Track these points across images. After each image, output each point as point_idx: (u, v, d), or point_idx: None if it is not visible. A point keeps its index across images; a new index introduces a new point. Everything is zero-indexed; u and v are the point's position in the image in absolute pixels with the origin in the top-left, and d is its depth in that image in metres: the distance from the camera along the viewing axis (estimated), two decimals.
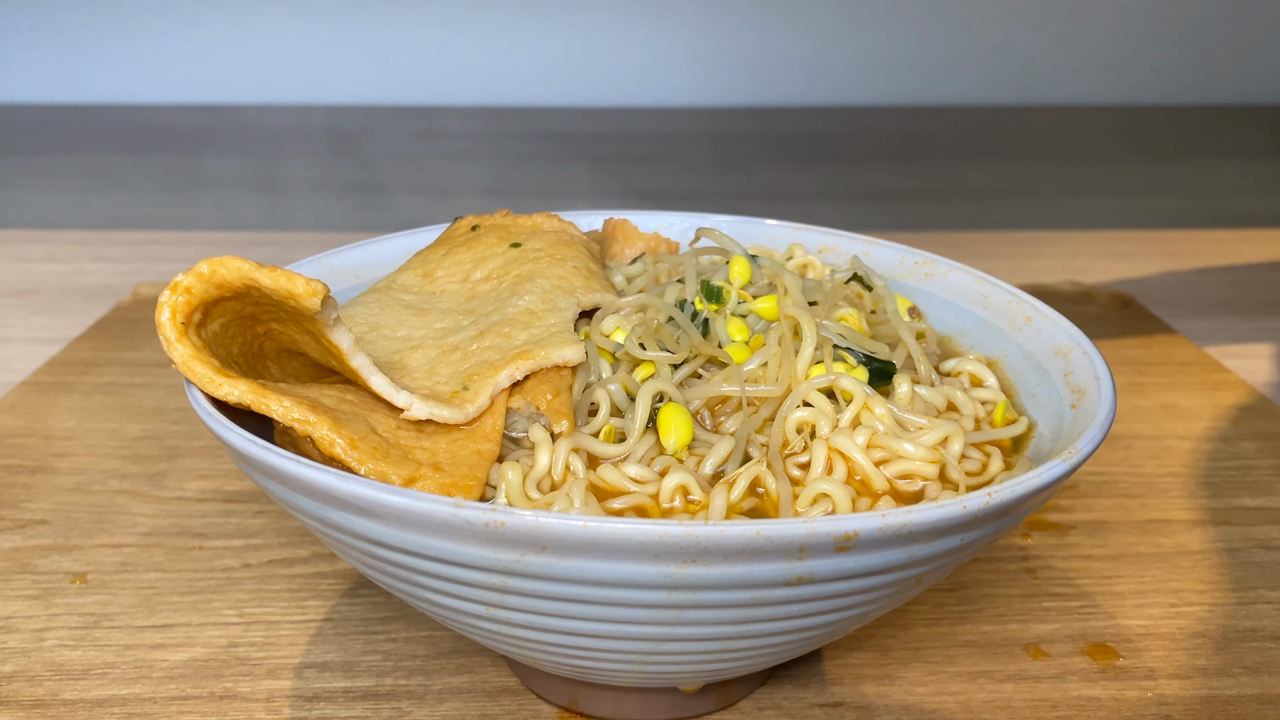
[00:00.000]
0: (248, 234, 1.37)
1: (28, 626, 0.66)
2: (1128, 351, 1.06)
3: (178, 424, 0.89)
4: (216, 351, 0.53)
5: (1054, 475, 0.49)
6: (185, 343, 0.51)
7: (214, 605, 0.68)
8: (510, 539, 0.44)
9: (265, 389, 0.52)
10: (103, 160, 1.74)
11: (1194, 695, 0.63)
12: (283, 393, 0.52)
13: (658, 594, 0.45)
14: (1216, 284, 1.28)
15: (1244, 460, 0.87)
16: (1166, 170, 1.81)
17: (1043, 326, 0.66)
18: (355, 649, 0.65)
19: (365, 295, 0.66)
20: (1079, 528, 0.78)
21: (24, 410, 0.91)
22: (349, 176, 1.68)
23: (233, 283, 0.51)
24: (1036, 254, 1.36)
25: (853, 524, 0.44)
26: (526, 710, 0.60)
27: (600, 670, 0.53)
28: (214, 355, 0.53)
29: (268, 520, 0.77)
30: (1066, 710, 0.61)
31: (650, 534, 0.43)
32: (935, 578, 0.51)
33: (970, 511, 0.46)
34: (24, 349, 1.04)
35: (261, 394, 0.51)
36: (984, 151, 1.90)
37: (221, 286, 0.51)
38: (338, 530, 0.48)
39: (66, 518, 0.77)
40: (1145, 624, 0.69)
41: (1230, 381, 1.00)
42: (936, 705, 0.62)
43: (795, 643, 0.52)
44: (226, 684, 0.62)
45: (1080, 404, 0.59)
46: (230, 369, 0.53)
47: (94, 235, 1.36)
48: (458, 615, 0.50)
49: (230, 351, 0.54)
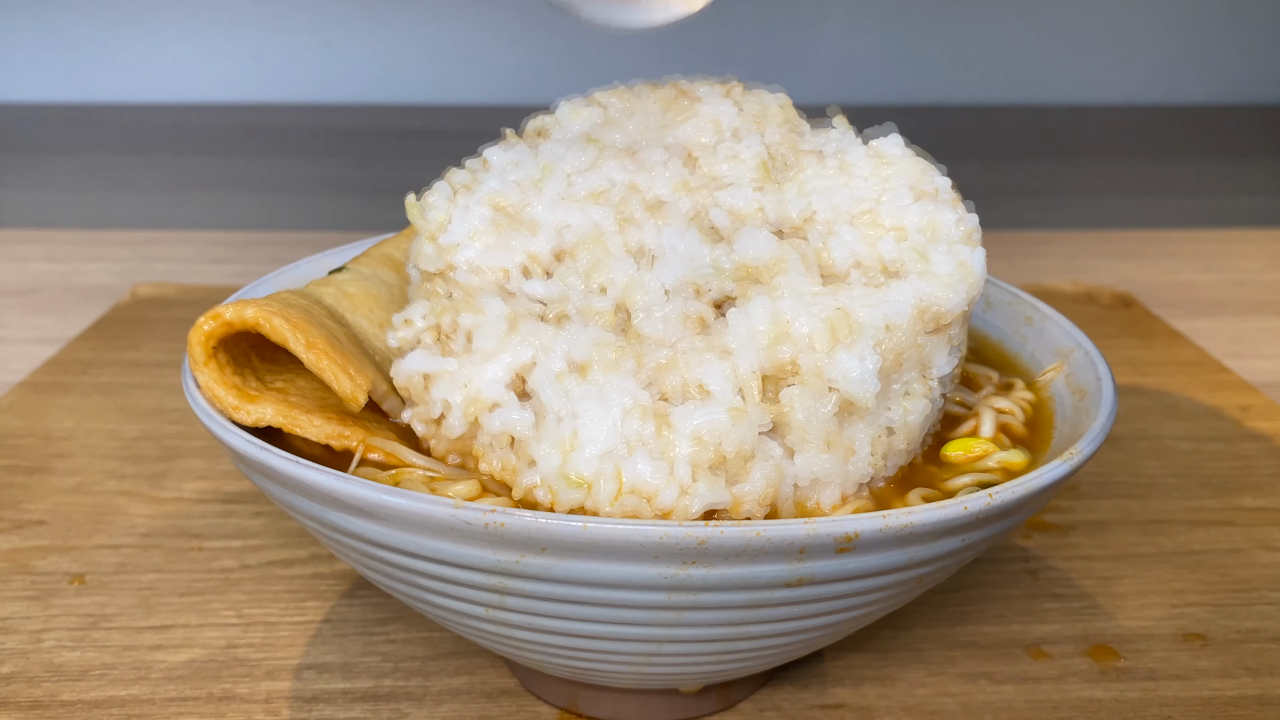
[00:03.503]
0: (247, 234, 1.37)
1: (26, 627, 0.66)
2: (1129, 351, 1.06)
3: (176, 424, 0.89)
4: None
5: (1055, 476, 0.49)
6: (211, 365, 0.52)
7: (212, 606, 0.68)
8: (510, 540, 0.44)
9: (292, 407, 0.52)
10: (102, 160, 1.74)
11: (1195, 696, 0.62)
12: (310, 409, 0.53)
13: (658, 595, 0.45)
14: (1218, 284, 1.28)
15: (1245, 460, 0.87)
16: (1167, 170, 1.81)
17: (1044, 327, 0.66)
18: (354, 650, 0.65)
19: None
20: (1080, 528, 0.78)
21: (22, 410, 0.90)
22: (349, 176, 1.68)
23: (268, 335, 0.52)
24: (1038, 254, 1.36)
25: (853, 525, 0.44)
26: (526, 712, 0.60)
27: (600, 671, 0.53)
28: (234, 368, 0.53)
29: (266, 521, 0.77)
30: (1068, 711, 0.61)
31: (650, 535, 0.43)
32: (936, 579, 0.51)
33: (971, 513, 0.46)
34: (22, 349, 1.04)
35: (291, 415, 0.52)
36: (984, 151, 1.90)
37: (254, 329, 0.52)
38: (336, 531, 0.48)
39: (65, 518, 0.76)
40: (1146, 625, 0.68)
41: (1231, 382, 1.00)
42: (937, 706, 0.61)
43: (796, 644, 0.52)
44: (225, 685, 0.62)
45: (1081, 405, 0.58)
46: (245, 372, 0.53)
47: (93, 235, 1.35)
48: (457, 616, 0.50)
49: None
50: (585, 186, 0.56)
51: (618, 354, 0.50)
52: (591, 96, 0.63)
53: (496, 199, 0.56)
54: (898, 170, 0.56)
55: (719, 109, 0.60)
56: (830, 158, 0.58)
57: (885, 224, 0.53)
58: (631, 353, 0.50)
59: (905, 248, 0.52)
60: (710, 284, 0.52)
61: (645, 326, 0.51)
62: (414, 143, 1.84)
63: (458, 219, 0.56)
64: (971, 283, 0.52)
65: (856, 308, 0.51)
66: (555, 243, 0.54)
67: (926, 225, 0.53)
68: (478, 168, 0.60)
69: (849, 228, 0.54)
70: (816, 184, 0.56)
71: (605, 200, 0.56)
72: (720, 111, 0.60)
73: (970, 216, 0.55)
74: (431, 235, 0.57)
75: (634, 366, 0.50)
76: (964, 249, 0.53)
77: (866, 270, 0.53)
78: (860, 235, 0.53)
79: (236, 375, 0.53)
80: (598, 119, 0.61)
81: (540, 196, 0.56)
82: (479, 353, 0.52)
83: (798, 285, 0.51)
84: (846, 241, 0.53)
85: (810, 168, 0.57)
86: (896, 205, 0.54)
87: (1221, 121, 2.11)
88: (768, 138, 0.60)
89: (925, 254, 0.52)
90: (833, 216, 0.54)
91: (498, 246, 0.55)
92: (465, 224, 0.56)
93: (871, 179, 0.56)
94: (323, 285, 0.62)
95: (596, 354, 0.50)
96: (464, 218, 0.56)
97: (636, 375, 0.50)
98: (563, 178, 0.57)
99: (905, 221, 0.53)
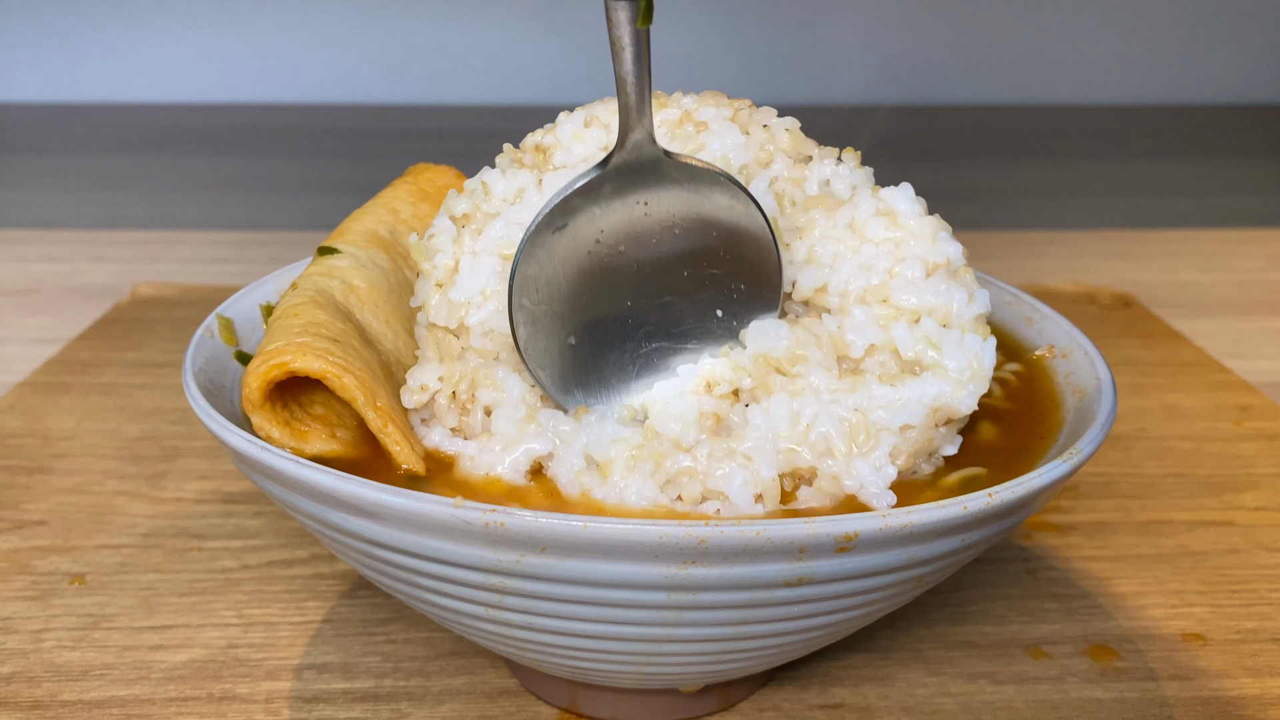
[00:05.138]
0: (247, 234, 1.37)
1: (26, 627, 0.66)
2: (1129, 352, 1.06)
3: (176, 424, 0.89)
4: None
5: (1054, 476, 0.49)
6: (265, 407, 0.52)
7: (213, 606, 0.68)
8: (510, 539, 0.44)
9: (340, 441, 0.55)
10: (102, 160, 1.74)
11: (1195, 696, 0.63)
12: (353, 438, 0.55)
13: (658, 595, 0.45)
14: (1218, 284, 1.28)
15: (1245, 460, 0.87)
16: (1167, 170, 1.81)
17: (1044, 327, 0.66)
18: (354, 650, 0.65)
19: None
20: (1080, 528, 0.78)
21: (22, 411, 0.90)
22: (349, 176, 1.68)
23: (334, 390, 0.52)
24: (1038, 254, 1.36)
25: (853, 525, 0.44)
26: (526, 712, 0.60)
27: (600, 671, 0.53)
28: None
29: (267, 521, 0.77)
30: (1067, 711, 0.61)
31: (650, 534, 0.43)
32: (936, 578, 0.51)
33: (971, 512, 0.46)
34: (22, 349, 1.04)
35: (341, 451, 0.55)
36: (984, 151, 1.90)
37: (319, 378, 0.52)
38: (337, 531, 0.48)
39: (65, 518, 0.76)
40: (1146, 625, 0.68)
41: (1231, 382, 1.00)
42: (937, 706, 0.61)
43: (796, 644, 0.52)
44: (225, 685, 0.62)
45: (1081, 404, 0.59)
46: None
47: (93, 235, 1.35)
48: (457, 616, 0.50)
49: None
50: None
51: (636, 454, 0.50)
52: (594, 113, 0.60)
53: (504, 247, 0.55)
54: (909, 234, 0.54)
55: (727, 141, 0.58)
56: (840, 211, 0.56)
57: (898, 304, 0.53)
58: (650, 452, 0.51)
59: (919, 337, 0.53)
60: (727, 378, 0.52)
61: (662, 425, 0.51)
62: (414, 143, 1.84)
63: (466, 270, 0.55)
64: (982, 380, 0.52)
65: (874, 408, 0.51)
66: None
67: (939, 308, 0.53)
68: (477, 188, 0.58)
69: (862, 308, 0.53)
70: (827, 246, 0.55)
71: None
72: (729, 145, 0.58)
73: (981, 294, 0.54)
74: (440, 284, 0.56)
75: (652, 468, 0.50)
76: (975, 339, 0.53)
77: (880, 357, 0.53)
78: (873, 316, 0.53)
79: (285, 410, 0.54)
80: (601, 142, 0.59)
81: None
82: (498, 436, 0.53)
83: (817, 380, 0.52)
84: (861, 324, 0.53)
85: (820, 224, 0.56)
86: (909, 281, 0.53)
87: (1221, 121, 2.11)
88: (775, 170, 0.58)
89: (939, 345, 0.52)
90: (845, 289, 0.54)
91: None
92: (475, 278, 0.55)
93: (884, 244, 0.54)
94: (326, 276, 0.61)
95: (616, 452, 0.51)
96: (473, 269, 0.55)
97: (654, 476, 0.50)
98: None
99: (918, 301, 0.53)
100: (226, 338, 0.62)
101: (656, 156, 0.51)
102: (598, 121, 0.60)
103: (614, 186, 0.51)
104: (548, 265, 0.51)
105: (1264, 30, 2.17)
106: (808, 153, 0.59)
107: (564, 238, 0.51)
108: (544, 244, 0.51)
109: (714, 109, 0.59)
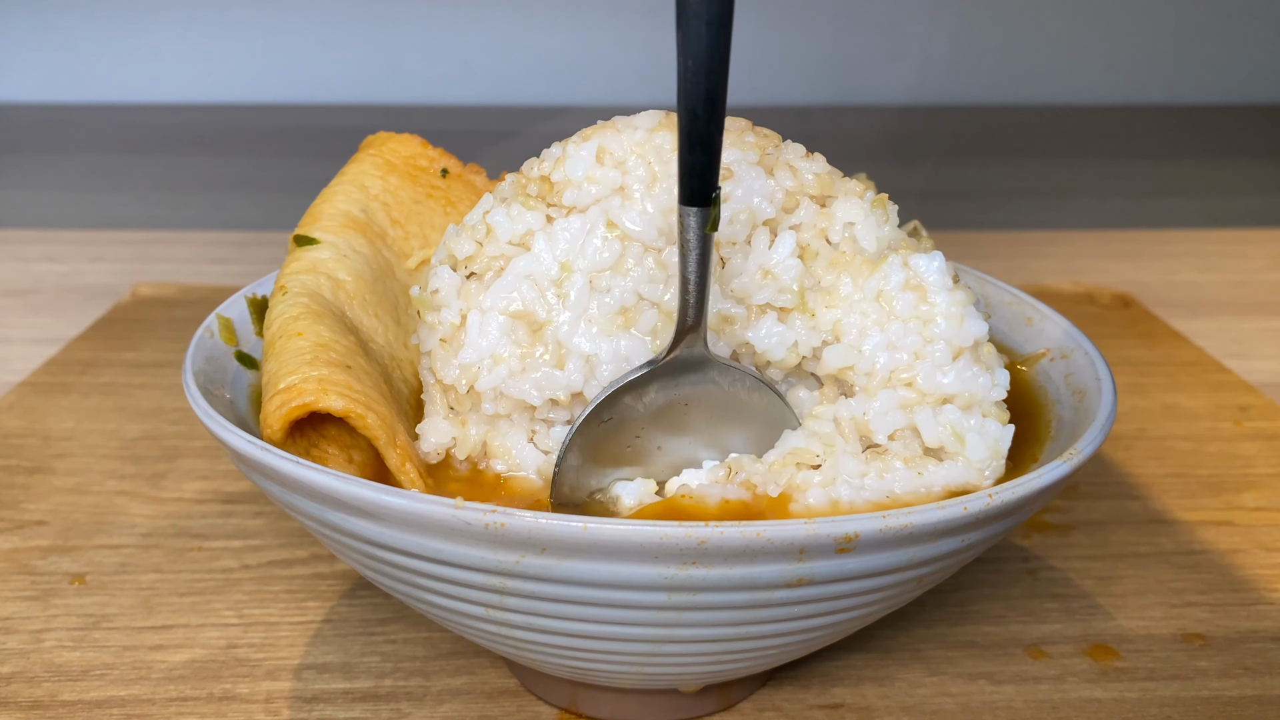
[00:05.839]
0: (247, 234, 1.37)
1: (26, 627, 0.66)
2: (1129, 352, 1.06)
3: (177, 424, 0.89)
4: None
5: (1055, 476, 0.49)
6: (286, 444, 0.52)
7: (213, 606, 0.68)
8: (510, 540, 0.44)
9: (356, 465, 0.54)
10: (102, 160, 1.74)
11: (1195, 696, 0.63)
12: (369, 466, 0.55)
13: (658, 595, 0.45)
14: (1218, 284, 1.28)
15: (1244, 460, 0.87)
16: (1167, 170, 1.81)
17: (1044, 327, 0.66)
18: (354, 650, 0.65)
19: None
20: (1080, 528, 0.78)
21: (23, 411, 0.90)
22: None
23: (356, 428, 0.52)
24: (1037, 254, 1.36)
25: (853, 525, 0.44)
26: (526, 712, 0.60)
27: (600, 672, 0.53)
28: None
29: (267, 521, 0.77)
30: (1067, 711, 0.61)
31: (650, 535, 0.43)
32: (936, 579, 0.51)
33: (971, 513, 0.46)
34: (23, 349, 1.04)
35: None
36: (984, 151, 1.90)
37: (341, 416, 0.52)
38: (337, 531, 0.48)
39: (65, 518, 0.76)
40: (1146, 625, 0.68)
41: (1231, 382, 1.00)
42: (937, 706, 0.61)
43: (796, 644, 0.52)
44: (225, 685, 0.62)
45: (1081, 405, 0.59)
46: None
47: (93, 235, 1.35)
48: (457, 616, 0.50)
49: None
50: (611, 304, 0.54)
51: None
52: (604, 144, 0.56)
53: (512, 305, 0.55)
54: (936, 312, 0.54)
55: (752, 187, 0.55)
56: (868, 282, 0.55)
57: (923, 388, 0.53)
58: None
59: (943, 424, 0.53)
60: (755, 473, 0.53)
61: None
62: None
63: (474, 329, 0.55)
64: (999, 463, 0.53)
65: (899, 491, 0.52)
66: (584, 372, 0.54)
67: (963, 395, 0.53)
68: (478, 224, 0.56)
69: (888, 391, 0.53)
70: (853, 319, 0.54)
71: (632, 320, 0.55)
72: (753, 190, 0.55)
73: (1001, 375, 0.54)
74: (444, 340, 0.56)
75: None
76: (994, 427, 0.53)
77: (903, 439, 0.54)
78: (898, 399, 0.53)
79: (304, 440, 0.53)
80: (616, 183, 0.55)
81: (562, 310, 0.54)
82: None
83: (847, 468, 0.53)
84: (885, 409, 0.53)
85: (844, 289, 0.55)
86: (934, 364, 0.53)
87: (1221, 121, 2.11)
88: (800, 216, 0.56)
89: (962, 436, 0.53)
90: (871, 369, 0.54)
91: (522, 375, 0.54)
92: (484, 338, 0.54)
93: (911, 321, 0.54)
94: (312, 274, 0.60)
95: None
96: (481, 329, 0.55)
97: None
98: (584, 280, 0.54)
99: (943, 386, 0.53)
100: (226, 338, 0.62)
101: (705, 359, 0.53)
102: (610, 156, 0.56)
103: (660, 385, 0.53)
104: (589, 455, 0.54)
105: (1264, 30, 2.17)
106: (833, 194, 0.57)
107: (607, 430, 0.54)
108: (589, 436, 0.54)
109: (739, 151, 0.56)
